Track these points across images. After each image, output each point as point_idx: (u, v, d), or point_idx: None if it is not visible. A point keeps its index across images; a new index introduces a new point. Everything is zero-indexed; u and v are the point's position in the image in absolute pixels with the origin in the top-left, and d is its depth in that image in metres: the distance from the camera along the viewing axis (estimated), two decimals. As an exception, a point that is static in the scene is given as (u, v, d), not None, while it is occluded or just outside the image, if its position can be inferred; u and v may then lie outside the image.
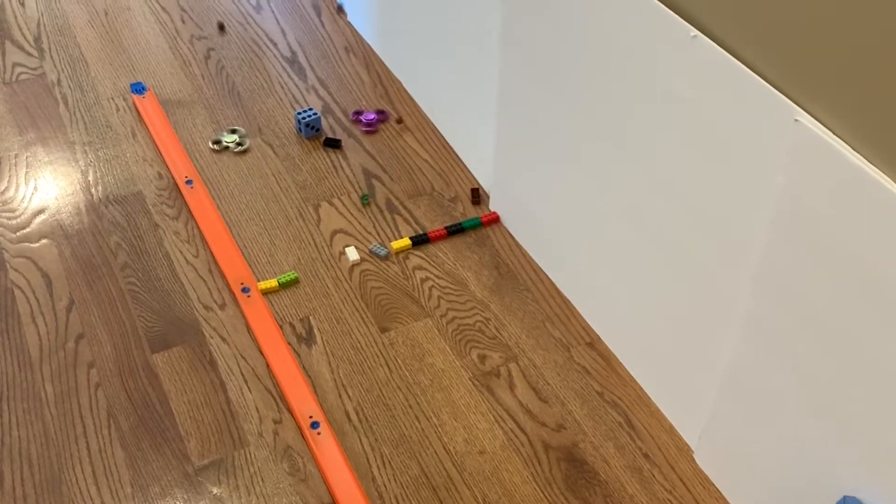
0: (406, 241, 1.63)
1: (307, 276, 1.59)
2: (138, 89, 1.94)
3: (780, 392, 1.11)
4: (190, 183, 1.73)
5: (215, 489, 1.30)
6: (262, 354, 1.46)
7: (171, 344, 1.47)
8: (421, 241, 1.64)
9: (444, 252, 1.63)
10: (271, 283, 1.56)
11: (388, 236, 1.65)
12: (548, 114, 1.42)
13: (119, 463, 1.33)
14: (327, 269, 1.60)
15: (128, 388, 1.42)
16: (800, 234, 1.00)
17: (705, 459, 1.32)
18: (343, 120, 1.89)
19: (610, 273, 1.41)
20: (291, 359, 1.45)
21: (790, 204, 1.00)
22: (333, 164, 1.79)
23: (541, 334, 1.50)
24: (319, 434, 1.35)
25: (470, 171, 1.78)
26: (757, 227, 1.06)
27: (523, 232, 1.64)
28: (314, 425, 1.36)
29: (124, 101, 1.92)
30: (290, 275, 1.57)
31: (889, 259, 0.90)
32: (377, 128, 1.87)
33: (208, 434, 1.36)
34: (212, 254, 1.61)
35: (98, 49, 2.05)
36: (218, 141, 1.81)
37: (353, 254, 1.62)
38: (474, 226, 1.67)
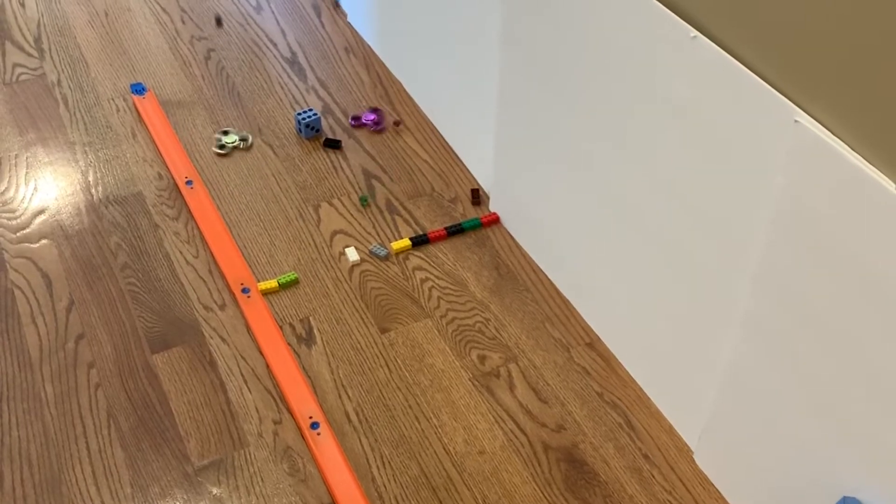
0: (406, 242, 1.63)
1: (307, 276, 1.59)
2: (138, 90, 1.94)
3: (780, 392, 1.11)
4: (190, 183, 1.73)
5: (215, 489, 1.30)
6: (262, 355, 1.46)
7: (170, 344, 1.47)
8: (421, 242, 1.64)
9: (444, 253, 1.63)
10: (271, 283, 1.56)
11: (387, 237, 1.65)
12: (548, 114, 1.42)
13: (119, 463, 1.33)
14: (327, 269, 1.60)
15: (128, 388, 1.42)
16: (800, 235, 1.00)
17: (705, 460, 1.32)
18: (343, 121, 1.89)
19: (610, 273, 1.41)
20: (291, 359, 1.45)
21: (790, 204, 1.00)
22: (333, 165, 1.79)
23: (540, 335, 1.50)
24: (319, 434, 1.35)
25: (470, 172, 1.78)
26: (757, 227, 1.06)
27: (523, 232, 1.64)
28: (314, 426, 1.36)
29: (124, 101, 1.92)
30: (290, 275, 1.57)
31: (889, 259, 0.90)
32: (384, 125, 1.87)
33: (208, 434, 1.36)
34: (212, 254, 1.61)
35: (98, 50, 2.05)
36: (223, 145, 1.81)
37: (352, 254, 1.62)
38: (474, 226, 1.67)
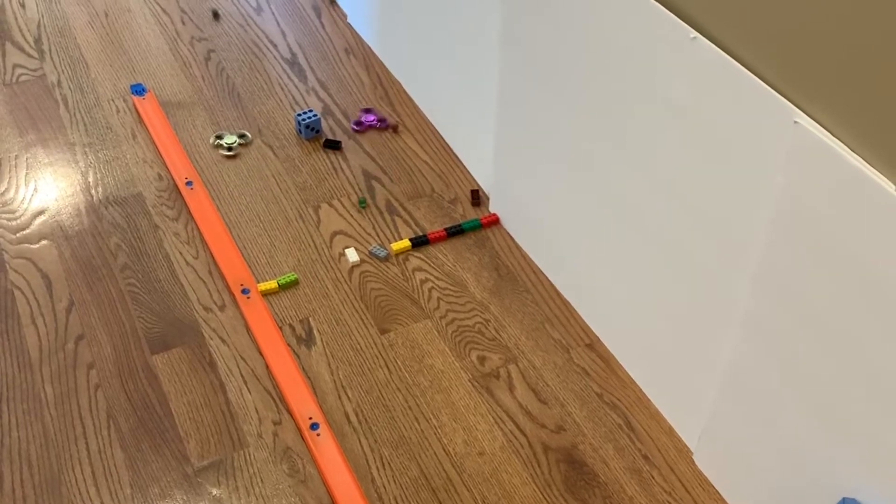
0: (406, 243, 1.63)
1: (307, 277, 1.58)
2: (138, 91, 1.94)
3: (780, 392, 1.11)
4: (190, 184, 1.73)
5: (215, 490, 1.30)
6: (262, 356, 1.46)
7: (170, 345, 1.47)
8: (421, 243, 1.64)
9: (444, 253, 1.63)
10: (271, 284, 1.56)
11: (387, 238, 1.65)
12: (548, 114, 1.42)
13: (119, 464, 1.32)
14: (327, 270, 1.60)
15: (127, 389, 1.41)
16: (800, 235, 1.00)
17: (705, 461, 1.32)
18: (343, 122, 1.89)
19: (610, 274, 1.41)
20: (291, 360, 1.45)
21: (790, 204, 1.00)
22: (333, 166, 1.79)
23: (540, 336, 1.50)
24: (319, 435, 1.35)
25: (470, 173, 1.78)
26: (757, 227, 1.06)
27: (523, 233, 1.64)
28: (314, 426, 1.36)
29: (124, 102, 1.92)
30: (290, 276, 1.57)
31: (888, 259, 0.90)
32: (388, 121, 1.87)
33: (208, 435, 1.36)
34: (212, 255, 1.61)
35: (98, 50, 2.05)
36: (230, 147, 1.81)
37: (352, 255, 1.62)
38: (474, 227, 1.67)
